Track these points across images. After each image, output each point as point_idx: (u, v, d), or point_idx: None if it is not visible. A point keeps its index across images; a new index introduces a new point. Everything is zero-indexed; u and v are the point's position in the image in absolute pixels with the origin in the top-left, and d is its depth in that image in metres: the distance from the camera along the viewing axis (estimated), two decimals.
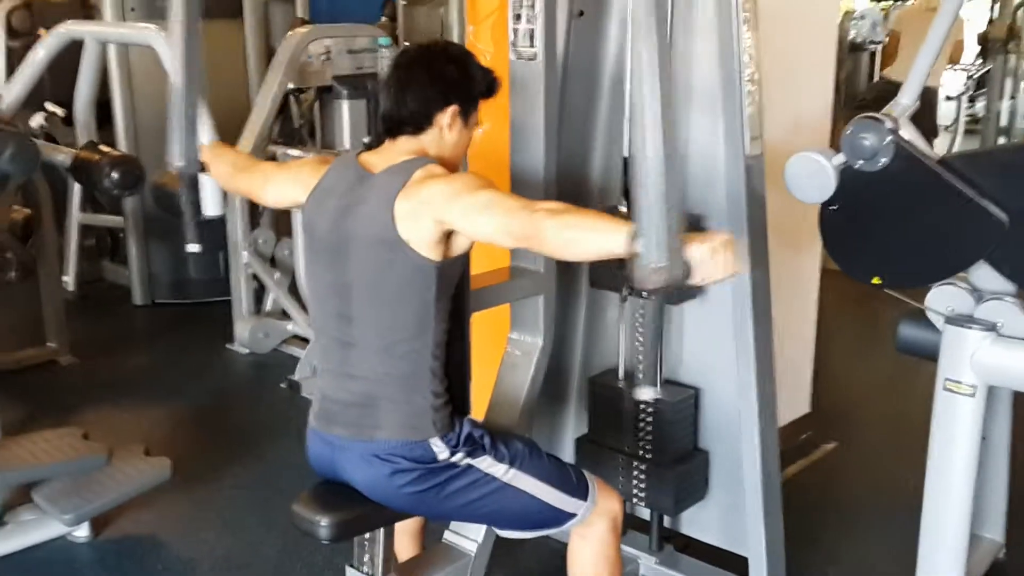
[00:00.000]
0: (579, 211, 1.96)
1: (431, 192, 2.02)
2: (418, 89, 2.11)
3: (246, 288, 4.96)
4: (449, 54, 2.19)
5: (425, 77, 2.12)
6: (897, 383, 4.49)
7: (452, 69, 2.14)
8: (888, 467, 3.73)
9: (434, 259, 2.04)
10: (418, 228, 2.02)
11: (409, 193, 2.03)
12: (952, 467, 2.33)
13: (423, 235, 2.02)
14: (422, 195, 2.02)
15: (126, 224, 5.67)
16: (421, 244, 2.03)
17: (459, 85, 2.14)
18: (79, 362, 4.87)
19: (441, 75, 2.12)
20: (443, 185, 2.03)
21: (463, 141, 2.19)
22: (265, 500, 3.51)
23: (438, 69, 2.13)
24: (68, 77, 4.95)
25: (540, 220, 1.89)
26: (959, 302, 2.34)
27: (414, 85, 2.11)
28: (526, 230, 1.91)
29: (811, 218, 2.47)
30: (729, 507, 2.84)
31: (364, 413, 2.13)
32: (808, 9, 3.56)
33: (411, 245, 2.03)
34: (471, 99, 2.17)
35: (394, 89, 2.13)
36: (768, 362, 2.62)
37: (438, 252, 2.05)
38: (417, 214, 2.01)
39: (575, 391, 3.12)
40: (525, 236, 1.94)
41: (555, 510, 2.21)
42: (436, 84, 2.11)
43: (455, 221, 2.00)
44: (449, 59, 2.16)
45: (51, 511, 3.09)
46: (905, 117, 2.34)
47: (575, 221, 1.90)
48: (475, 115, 2.20)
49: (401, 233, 2.02)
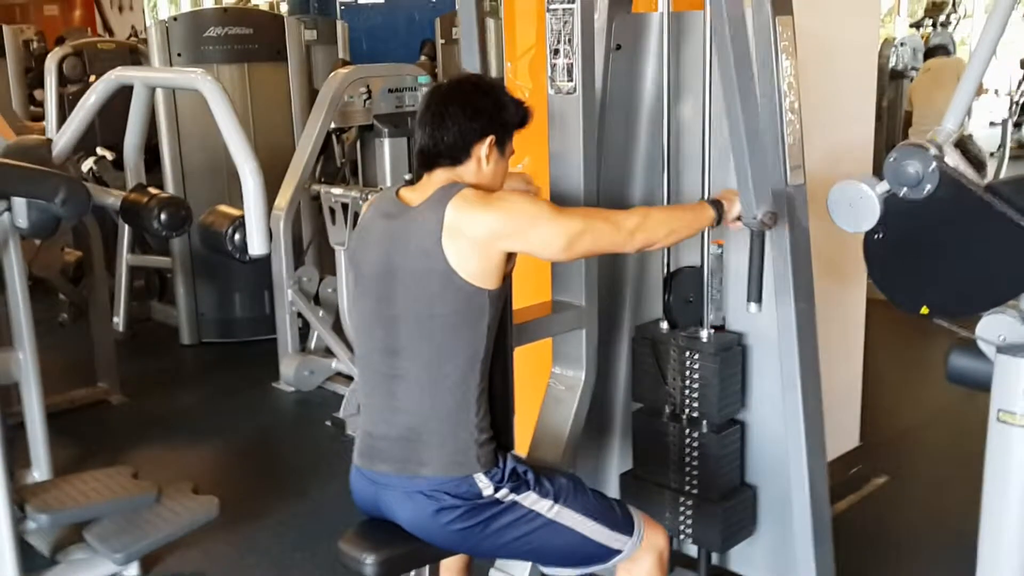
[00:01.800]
0: (657, 211, 2.48)
1: (496, 224, 2.05)
2: (454, 122, 2.13)
3: (291, 326, 5.00)
4: (481, 87, 2.21)
5: (460, 110, 2.14)
6: (949, 415, 4.39)
7: (486, 101, 2.16)
8: (941, 502, 3.65)
9: (490, 287, 2.06)
10: (477, 260, 2.04)
11: (461, 225, 2.04)
12: (1008, 501, 2.27)
13: (483, 266, 2.05)
14: (484, 228, 2.04)
15: (174, 265, 5.75)
16: (477, 275, 2.04)
17: (493, 116, 2.16)
18: (129, 401, 4.92)
19: (476, 107, 2.15)
20: (508, 216, 2.07)
21: (500, 171, 2.21)
22: (311, 538, 3.51)
23: (472, 102, 2.15)
24: (118, 122, 5.05)
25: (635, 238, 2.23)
26: (1011, 330, 2.28)
27: (450, 119, 2.13)
28: (625, 246, 2.26)
29: (855, 247, 2.44)
30: (778, 543, 2.79)
31: (408, 448, 2.12)
32: (848, 37, 3.54)
33: (466, 278, 2.04)
34: (506, 129, 2.19)
35: (429, 124, 2.15)
36: (815, 394, 2.59)
37: (497, 279, 2.07)
38: (477, 247, 2.04)
39: (619, 425, 3.09)
40: (624, 249, 2.32)
41: (600, 546, 2.18)
42: (472, 116, 2.13)
43: (548, 253, 2.18)
44: (482, 91, 2.18)
45: (102, 550, 3.12)
46: (950, 144, 2.31)
47: (661, 218, 2.35)
48: (510, 145, 2.22)
49: (455, 267, 2.03)
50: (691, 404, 2.72)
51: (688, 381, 2.71)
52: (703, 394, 2.69)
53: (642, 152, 2.89)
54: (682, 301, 2.76)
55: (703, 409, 2.70)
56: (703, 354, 2.68)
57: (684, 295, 2.76)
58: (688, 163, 2.75)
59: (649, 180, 2.87)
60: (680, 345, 2.72)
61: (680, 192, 2.77)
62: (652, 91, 2.83)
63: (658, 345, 2.76)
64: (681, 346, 2.72)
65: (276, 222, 4.75)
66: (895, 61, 7.51)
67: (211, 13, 5.59)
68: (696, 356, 2.69)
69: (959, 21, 9.53)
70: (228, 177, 4.90)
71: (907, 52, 7.66)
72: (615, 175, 2.87)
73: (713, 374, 2.66)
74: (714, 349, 2.66)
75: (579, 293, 2.68)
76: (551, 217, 2.11)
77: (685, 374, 2.71)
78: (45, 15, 13.40)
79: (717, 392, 2.66)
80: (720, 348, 2.67)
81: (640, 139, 2.88)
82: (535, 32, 3.24)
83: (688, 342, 2.71)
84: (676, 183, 2.77)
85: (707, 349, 2.67)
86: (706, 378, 2.67)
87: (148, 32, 5.68)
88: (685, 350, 2.71)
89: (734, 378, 2.72)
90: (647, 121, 2.86)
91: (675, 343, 2.73)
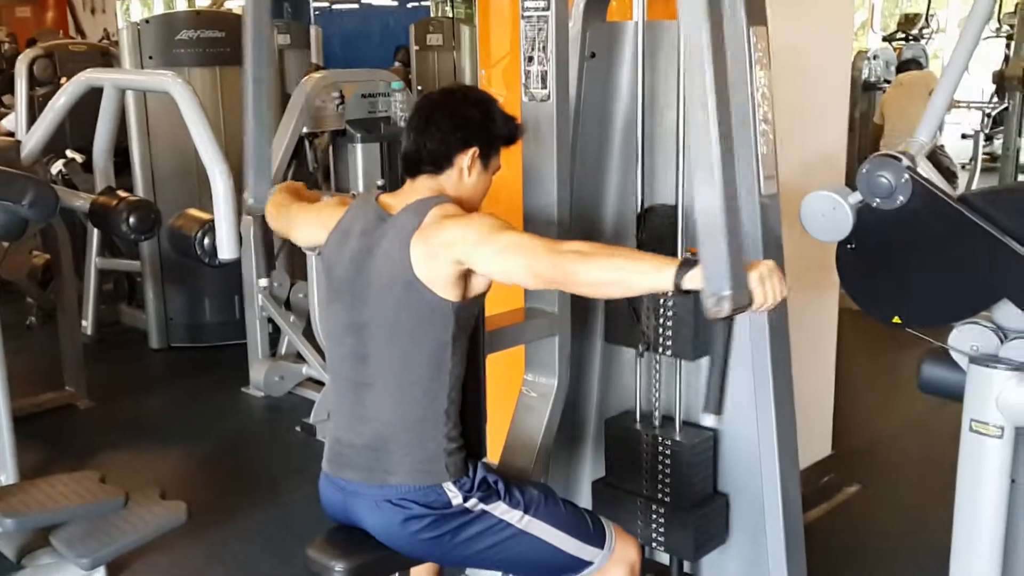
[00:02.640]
0: (610, 251, 1.98)
1: (451, 233, 2.01)
2: (439, 129, 2.12)
3: (261, 331, 4.97)
4: (471, 98, 2.21)
5: (447, 118, 2.13)
6: (921, 424, 4.42)
7: (474, 112, 2.16)
8: (914, 511, 3.66)
9: (452, 299, 2.04)
10: (436, 269, 2.02)
11: (427, 234, 2.02)
12: (980, 511, 2.28)
13: (441, 275, 2.02)
14: (442, 236, 2.01)
15: (143, 268, 5.70)
16: (438, 284, 2.02)
17: (480, 128, 2.15)
18: (97, 406, 4.87)
19: (463, 117, 2.14)
20: (463, 226, 2.02)
21: (482, 185, 2.19)
22: (279, 544, 3.48)
23: (460, 111, 2.15)
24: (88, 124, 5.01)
25: (570, 263, 1.88)
26: (983, 341, 2.29)
27: (435, 126, 2.13)
28: (555, 274, 1.92)
29: (828, 257, 2.45)
30: (750, 552, 2.79)
31: (376, 457, 2.10)
32: (821, 48, 3.56)
33: (428, 285, 2.02)
34: (492, 143, 2.18)
35: (415, 130, 2.14)
36: (788, 403, 2.58)
37: (456, 293, 2.04)
38: (435, 255, 2.01)
39: (592, 433, 3.08)
40: (554, 280, 1.95)
41: (571, 558, 2.17)
42: (457, 125, 2.13)
43: (478, 263, 2.00)
44: (471, 103, 2.18)
45: (68, 555, 3.08)
46: (922, 155, 2.32)
47: (611, 263, 1.90)
48: (496, 160, 2.21)
49: (418, 273, 2.02)
50: (664, 342, 2.66)
51: (662, 318, 2.66)
52: (676, 330, 2.62)
53: (616, 160, 2.88)
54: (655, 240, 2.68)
55: (676, 347, 2.63)
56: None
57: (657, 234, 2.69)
58: (662, 171, 2.75)
59: (623, 188, 2.87)
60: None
61: (654, 201, 2.76)
62: (626, 100, 2.83)
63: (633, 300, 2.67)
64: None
65: (247, 226, 4.70)
66: (868, 73, 7.59)
67: (183, 16, 5.55)
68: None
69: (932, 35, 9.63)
70: (199, 181, 4.84)
71: (880, 65, 7.75)
72: (589, 183, 2.87)
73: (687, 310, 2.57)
74: None
75: (552, 300, 2.67)
76: (492, 228, 1.99)
77: (659, 311, 2.66)
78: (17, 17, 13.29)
79: (692, 327, 2.58)
80: None
81: (614, 147, 2.88)
82: (510, 39, 3.23)
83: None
84: (650, 191, 2.77)
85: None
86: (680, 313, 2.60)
87: (119, 34, 5.63)
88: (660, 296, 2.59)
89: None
90: (621, 130, 2.85)
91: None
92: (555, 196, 2.60)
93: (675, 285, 1.82)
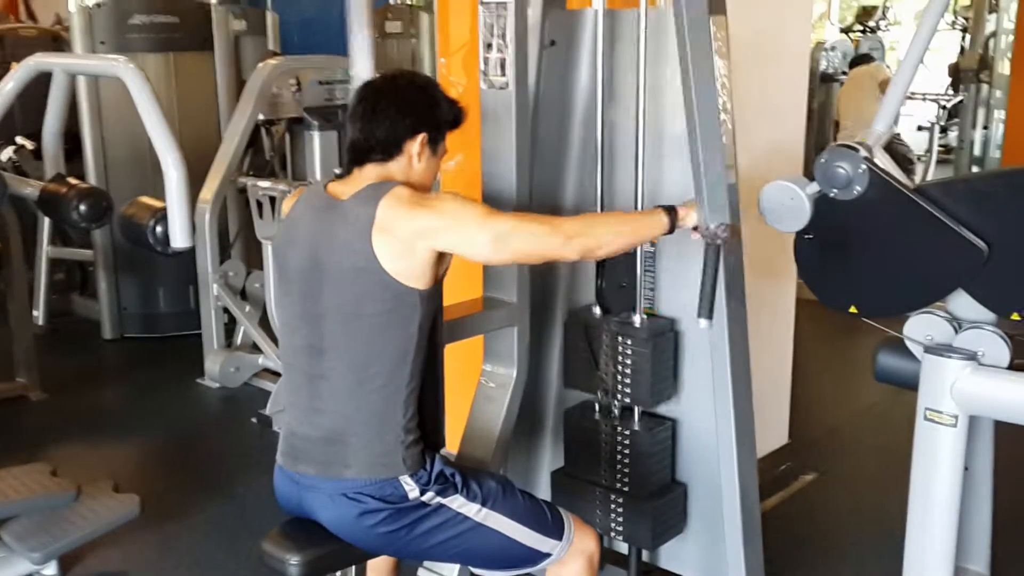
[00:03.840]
0: (600, 217, 2.36)
1: (426, 222, 2.00)
2: (386, 117, 2.09)
3: (216, 321, 4.90)
4: (416, 83, 2.18)
5: (393, 105, 2.10)
6: (877, 413, 4.46)
7: (420, 97, 2.14)
8: (869, 498, 3.70)
9: (419, 288, 2.02)
10: (407, 259, 1.99)
11: (395, 224, 1.99)
12: (935, 498, 2.30)
13: (412, 265, 2.00)
14: (415, 226, 1.99)
15: (95, 257, 5.60)
16: (407, 274, 2.00)
17: (427, 113, 2.13)
18: (48, 397, 4.79)
19: (410, 103, 2.11)
20: (439, 215, 2.01)
21: (431, 170, 2.17)
22: (234, 537, 3.43)
23: (406, 97, 2.12)
24: (39, 111, 4.91)
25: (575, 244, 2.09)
26: (938, 331, 2.31)
27: (382, 113, 2.09)
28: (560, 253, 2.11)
29: (786, 247, 2.45)
30: (708, 540, 2.80)
31: (332, 450, 2.07)
32: (780, 39, 3.57)
33: (395, 276, 2.00)
34: (439, 127, 2.16)
35: (361, 118, 2.11)
36: (746, 392, 2.59)
37: (427, 280, 2.03)
38: (411, 247, 1.99)
39: (551, 423, 3.07)
40: (559, 257, 2.15)
41: (530, 550, 2.16)
42: (405, 112, 2.10)
43: (474, 252, 2.05)
44: (416, 87, 2.16)
45: (19, 549, 3.03)
46: (879, 146, 2.33)
47: (609, 228, 2.19)
48: (443, 144, 2.19)
49: (385, 265, 1.99)
50: (623, 389, 2.69)
51: (620, 366, 2.68)
52: (635, 379, 2.66)
53: (575, 149, 2.87)
54: (615, 287, 2.73)
55: (635, 395, 2.67)
56: (636, 339, 2.64)
57: (617, 280, 2.72)
58: (621, 160, 2.74)
59: (582, 176, 2.86)
60: (612, 330, 2.68)
61: (613, 190, 2.76)
62: (586, 88, 2.82)
63: (590, 329, 2.72)
64: (613, 331, 2.67)
65: (201, 215, 4.65)
66: (825, 65, 7.65)
67: (137, 1, 5.44)
68: (629, 341, 2.65)
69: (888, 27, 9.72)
70: (152, 168, 4.76)
71: (837, 56, 7.81)
72: (548, 171, 2.85)
73: (645, 359, 2.63)
74: (647, 335, 2.63)
75: (511, 290, 2.65)
76: (479, 216, 2.05)
77: (618, 359, 2.68)
78: None
79: (649, 376, 2.63)
80: (653, 334, 2.64)
81: (574, 136, 2.86)
82: (469, 28, 3.20)
83: (620, 327, 2.67)
84: (609, 180, 2.76)
85: (640, 335, 2.63)
86: (638, 363, 2.64)
87: (71, 19, 5.51)
88: (617, 335, 2.67)
89: (667, 363, 2.68)
90: (581, 118, 2.84)
91: (607, 328, 2.69)
92: (514, 185, 2.58)
93: (672, 227, 2.26)
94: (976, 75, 8.00)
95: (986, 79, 7.95)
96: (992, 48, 8.02)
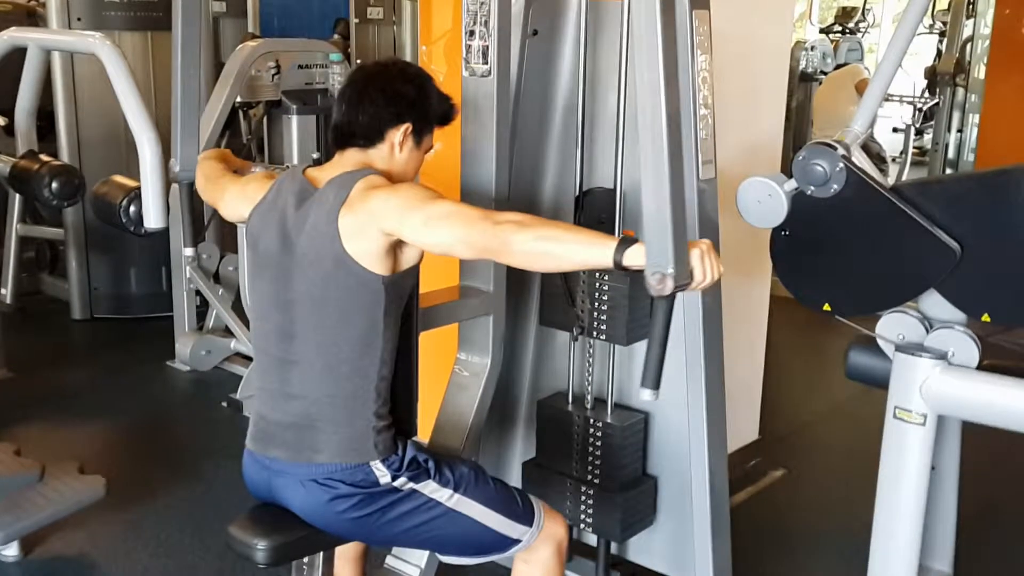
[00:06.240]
0: (548, 223, 1.95)
1: (377, 203, 1.97)
2: (372, 103, 2.08)
3: (188, 304, 4.86)
4: (407, 74, 2.16)
5: (380, 92, 2.09)
6: (847, 411, 4.50)
7: (409, 87, 2.11)
8: (837, 495, 3.73)
9: (381, 273, 2.00)
10: (365, 241, 1.97)
11: (354, 206, 1.98)
12: (901, 496, 2.32)
13: (370, 248, 1.97)
14: (368, 207, 1.97)
15: (66, 236, 5.53)
16: (367, 258, 1.98)
17: (414, 104, 2.11)
18: (15, 377, 4.72)
19: (397, 92, 2.10)
20: (391, 196, 1.98)
21: (413, 163, 2.15)
22: (202, 521, 3.41)
23: (395, 86, 2.10)
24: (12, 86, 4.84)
25: (506, 232, 1.84)
26: (909, 330, 2.33)
27: (368, 99, 2.08)
28: (490, 242, 1.87)
29: (762, 243, 2.46)
30: (677, 534, 2.81)
31: (302, 435, 2.06)
32: (761, 37, 3.58)
33: (357, 259, 1.98)
34: (425, 121, 2.14)
35: (348, 102, 2.09)
36: (718, 388, 2.60)
37: (385, 266, 2.00)
38: (363, 227, 1.97)
39: (523, 414, 3.07)
40: (487, 248, 1.90)
41: (500, 536, 2.16)
42: (391, 100, 2.08)
43: (407, 233, 1.95)
44: (407, 78, 2.13)
45: None
46: (857, 144, 2.34)
47: (549, 233, 1.86)
48: (429, 139, 2.17)
49: (347, 247, 1.97)
50: (599, 326, 2.66)
51: (597, 303, 2.66)
52: (612, 316, 2.63)
53: (556, 140, 2.87)
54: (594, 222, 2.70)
55: (611, 332, 2.64)
56: (613, 274, 2.57)
57: (596, 217, 2.71)
58: (602, 151, 2.74)
59: (562, 167, 2.85)
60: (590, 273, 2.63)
61: (593, 179, 2.75)
62: (568, 78, 2.81)
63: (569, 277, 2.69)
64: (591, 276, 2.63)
65: (174, 195, 4.59)
66: (805, 64, 7.69)
67: None
68: (606, 276, 2.61)
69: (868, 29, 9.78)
70: (126, 147, 4.72)
71: (816, 56, 7.85)
72: (528, 161, 2.84)
73: (623, 295, 2.59)
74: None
75: (487, 279, 2.65)
76: (422, 198, 1.95)
77: (594, 295, 2.66)
78: None
79: (626, 312, 2.60)
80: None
81: (554, 127, 2.86)
82: (451, 15, 3.19)
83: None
84: (589, 171, 2.76)
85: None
86: (615, 299, 2.61)
87: None
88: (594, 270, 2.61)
89: (644, 300, 2.59)
90: (562, 109, 2.84)
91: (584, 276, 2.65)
92: (493, 174, 2.57)
93: (615, 262, 1.80)
94: (952, 79, 8.07)
95: (962, 83, 8.02)
96: (969, 53, 8.09)
